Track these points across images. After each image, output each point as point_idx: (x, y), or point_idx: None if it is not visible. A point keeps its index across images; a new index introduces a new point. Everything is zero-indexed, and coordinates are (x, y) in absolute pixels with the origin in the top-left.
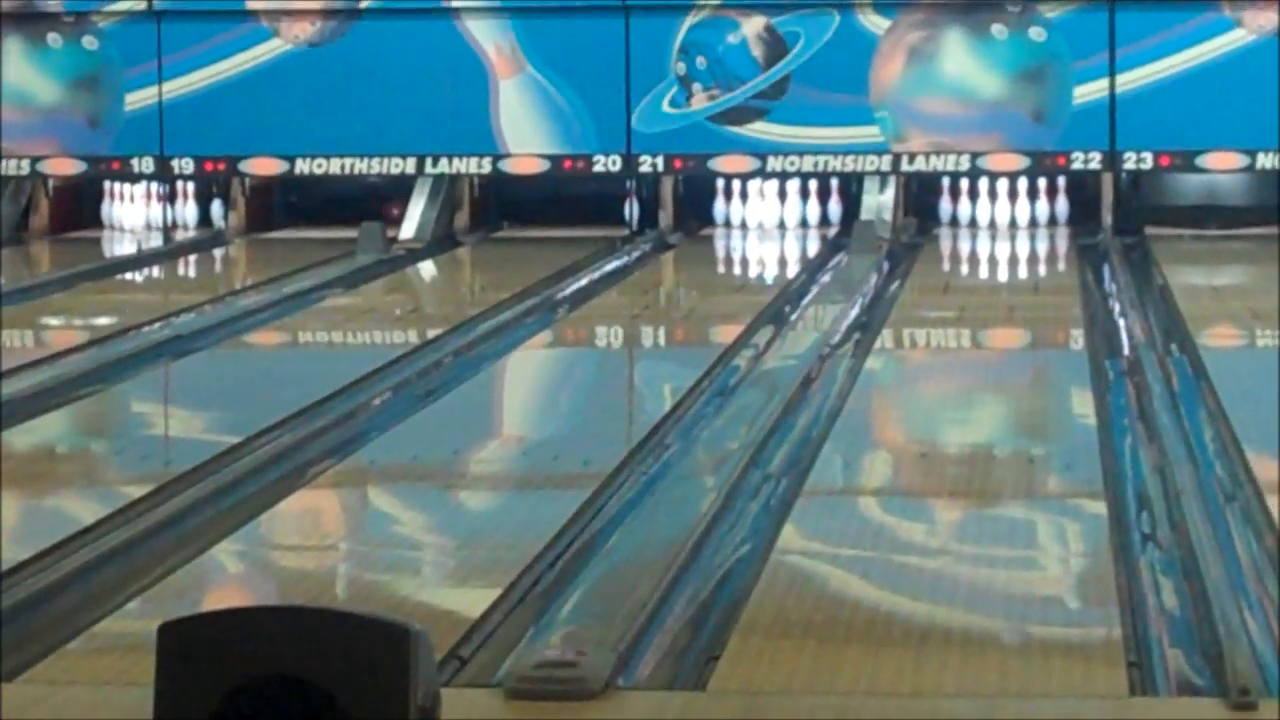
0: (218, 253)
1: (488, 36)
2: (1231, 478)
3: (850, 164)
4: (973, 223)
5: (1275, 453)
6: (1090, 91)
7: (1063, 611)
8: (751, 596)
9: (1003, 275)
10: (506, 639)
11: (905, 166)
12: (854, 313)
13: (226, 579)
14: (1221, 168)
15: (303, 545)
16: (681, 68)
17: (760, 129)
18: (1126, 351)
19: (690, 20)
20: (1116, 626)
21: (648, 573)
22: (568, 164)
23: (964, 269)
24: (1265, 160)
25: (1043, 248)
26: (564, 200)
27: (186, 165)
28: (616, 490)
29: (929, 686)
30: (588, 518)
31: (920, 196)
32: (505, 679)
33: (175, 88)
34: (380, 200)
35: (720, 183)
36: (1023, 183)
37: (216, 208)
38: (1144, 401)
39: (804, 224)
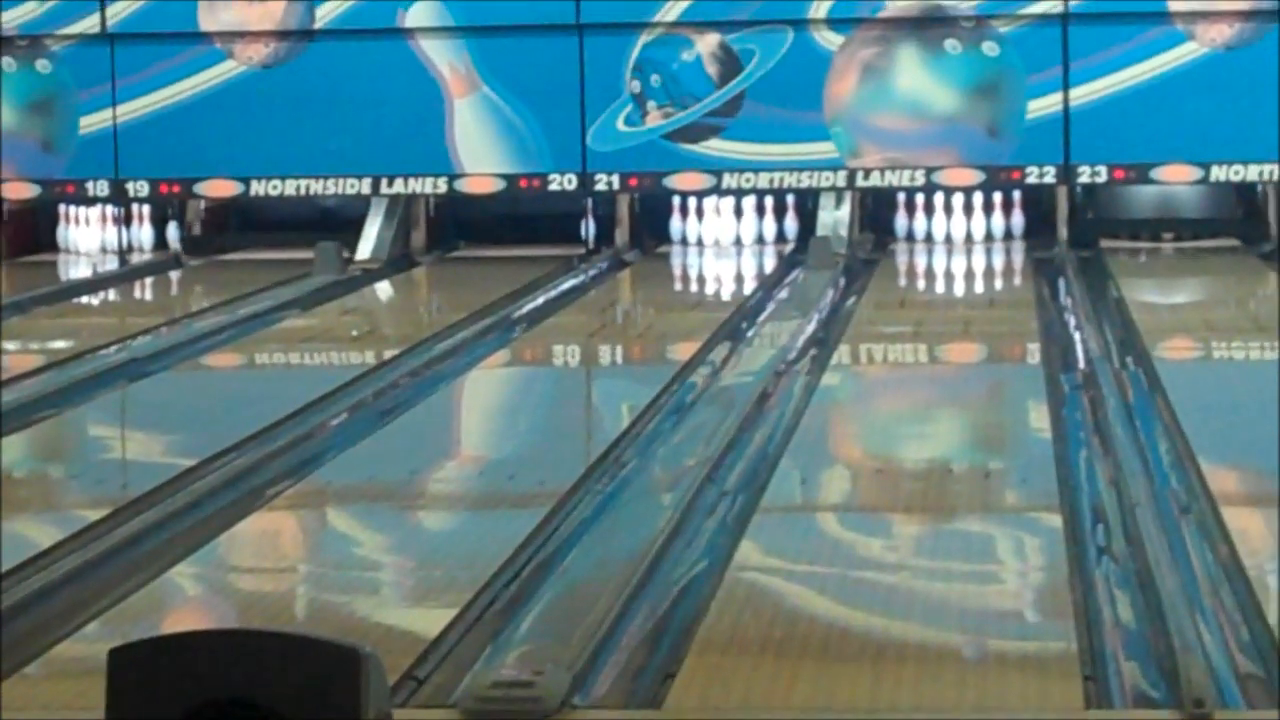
0: (174, 275)
1: (442, 56)
2: (1187, 490)
3: (806, 180)
4: (928, 237)
5: (1230, 465)
6: (1044, 105)
7: (1018, 626)
8: (708, 614)
9: (959, 290)
10: (463, 659)
11: (861, 182)
12: (810, 328)
13: (184, 602)
14: (1175, 180)
15: (260, 567)
16: (636, 86)
17: (715, 146)
18: (1082, 365)
19: (644, 38)
20: (1072, 640)
21: (604, 591)
22: (523, 183)
23: (920, 284)
24: (1219, 173)
25: (998, 262)
26: (520, 219)
27: (141, 188)
28: (573, 509)
29: (886, 703)
30: (544, 537)
31: (876, 212)
32: (461, 699)
33: (129, 110)
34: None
35: (676, 200)
36: (978, 197)
37: (172, 230)
38: (1099, 415)
39: (760, 240)
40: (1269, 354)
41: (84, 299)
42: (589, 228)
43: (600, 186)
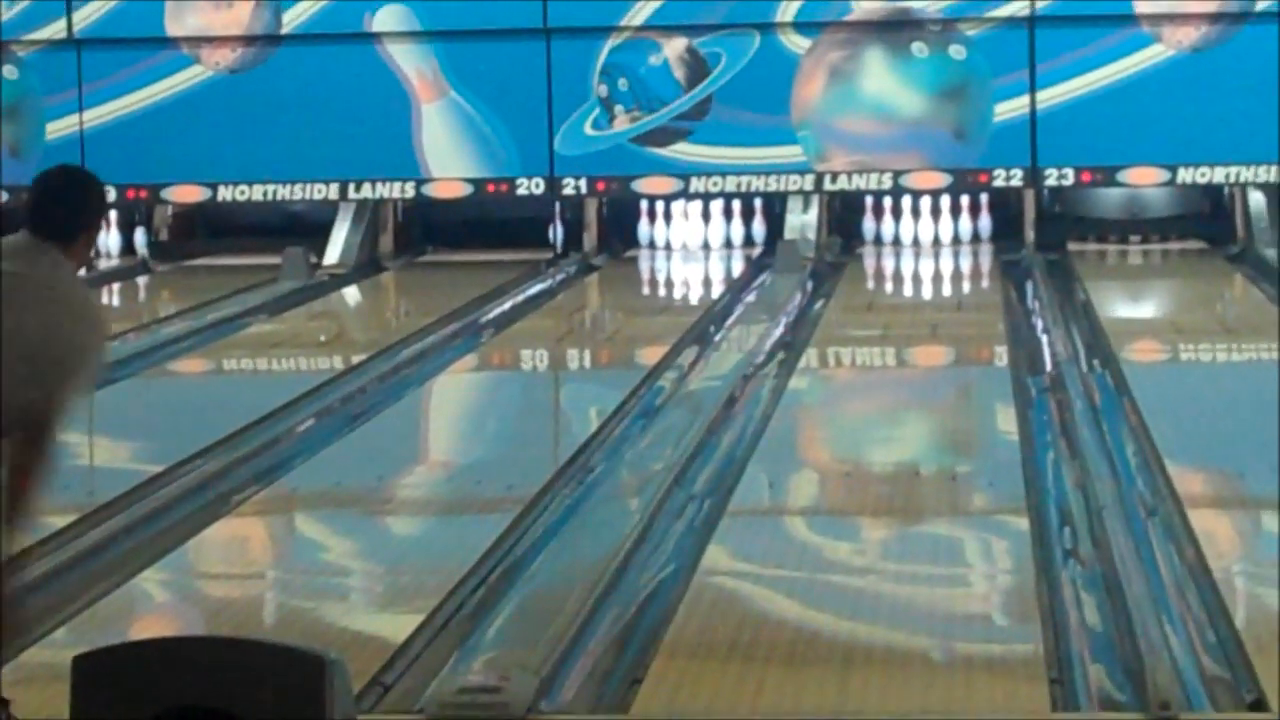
0: (141, 281)
1: (409, 61)
2: (1153, 492)
3: (773, 184)
4: (896, 241)
5: (1197, 467)
6: (1011, 109)
7: (985, 628)
8: (675, 618)
9: (926, 293)
10: (429, 664)
11: (828, 185)
12: (778, 332)
13: (151, 607)
14: (1142, 183)
15: (227, 573)
16: (603, 90)
17: (683, 150)
18: (1049, 368)
19: (611, 43)
20: (1038, 643)
21: (571, 596)
22: (491, 187)
23: (888, 287)
24: (1186, 175)
25: (966, 265)
26: (488, 223)
27: (108, 193)
28: (540, 514)
29: (853, 706)
30: (511, 542)
31: (843, 215)
32: (428, 705)
33: (96, 116)
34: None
35: (644, 204)
36: (945, 200)
37: (139, 236)
38: (1066, 417)
39: (728, 244)
40: (1236, 356)
41: None
42: (557, 232)
43: (568, 191)
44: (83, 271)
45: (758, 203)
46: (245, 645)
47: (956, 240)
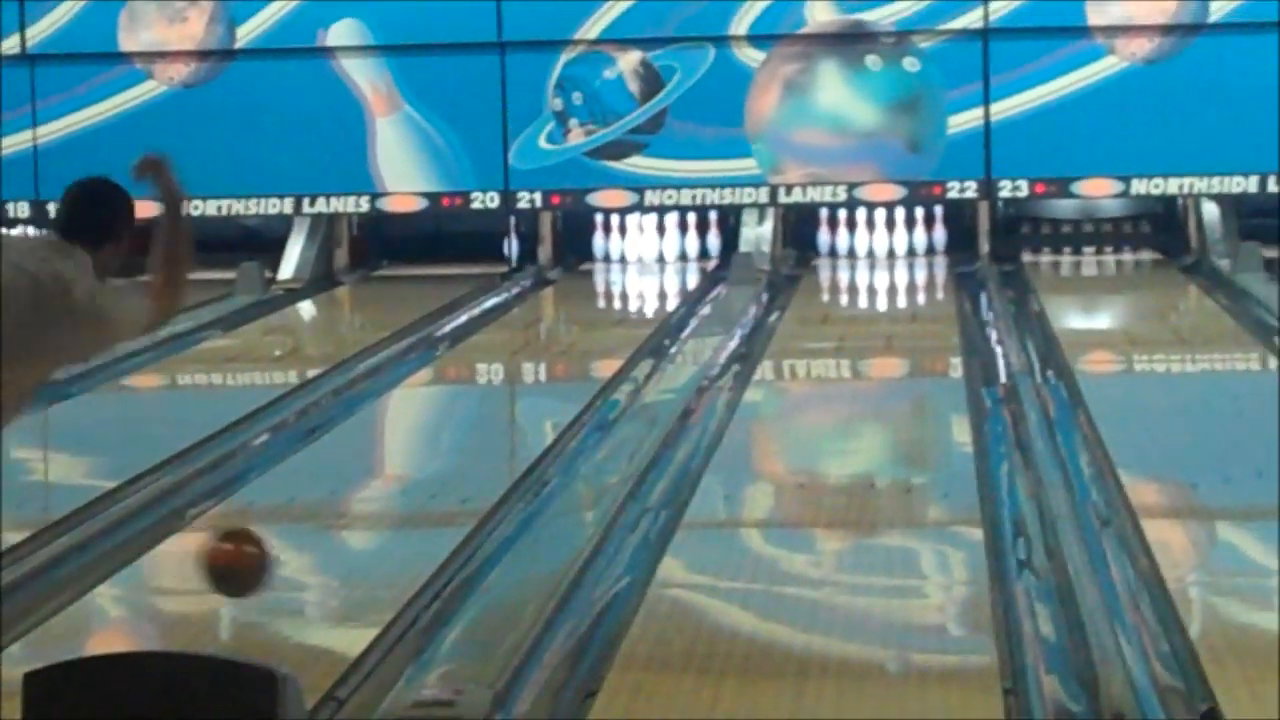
0: None
1: (364, 75)
2: (1107, 502)
3: (728, 197)
4: (851, 253)
5: (1150, 477)
6: (965, 120)
7: (940, 639)
8: (630, 630)
9: (881, 305)
10: (384, 678)
11: (783, 198)
12: (733, 345)
13: (105, 623)
14: (1096, 194)
15: (182, 588)
16: (558, 104)
17: (638, 163)
18: (1003, 379)
19: (566, 56)
20: (993, 653)
21: (526, 609)
22: (446, 201)
23: (843, 299)
24: (1140, 186)
25: (921, 276)
26: (443, 237)
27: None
28: (495, 527)
29: (808, 717)
30: (466, 555)
31: (799, 228)
32: (382, 719)
33: (50, 131)
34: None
35: (599, 217)
36: (900, 212)
37: None
38: (1020, 429)
39: (683, 257)
40: (1189, 367)
41: None
42: (512, 245)
43: (523, 204)
44: None
45: (713, 215)
46: (197, 660)
47: (911, 252)
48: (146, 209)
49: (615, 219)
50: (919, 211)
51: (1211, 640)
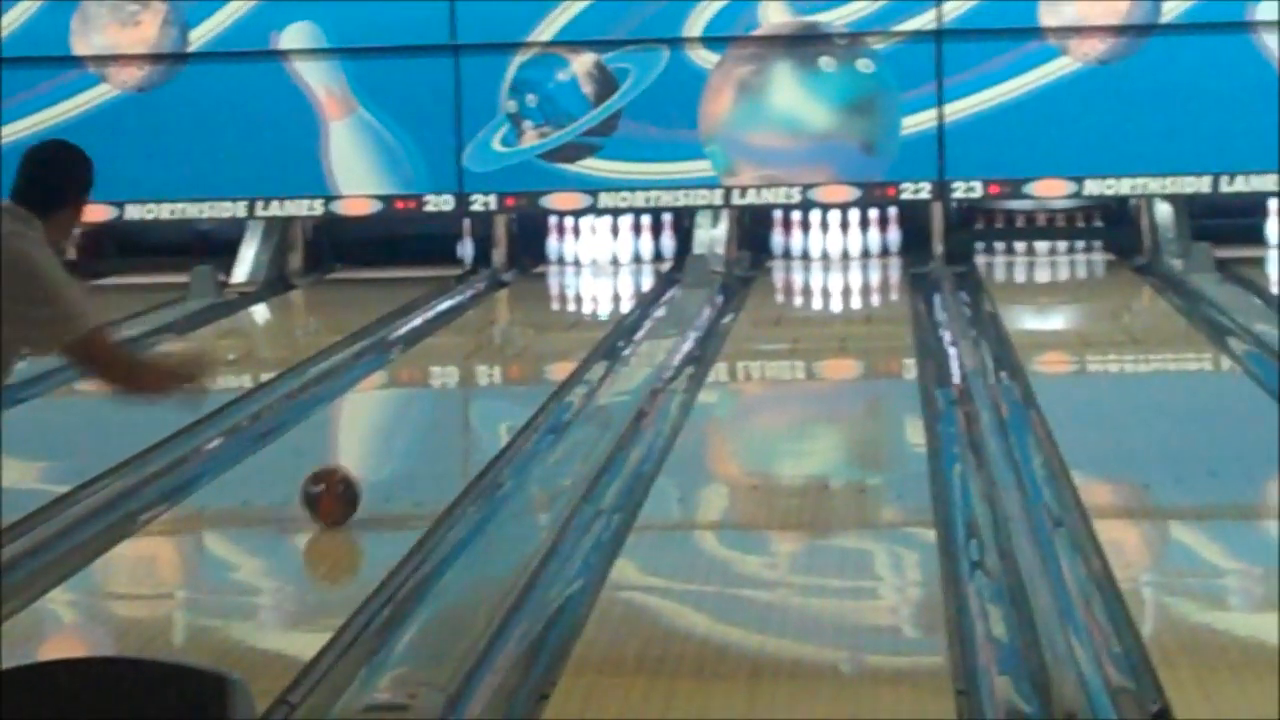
0: None
1: (317, 78)
2: (1060, 502)
3: (682, 199)
4: (805, 254)
5: (1103, 477)
6: (919, 122)
7: (893, 641)
8: (584, 633)
9: (835, 306)
10: (337, 682)
11: (737, 200)
12: (687, 347)
13: (58, 628)
14: (1050, 195)
15: (134, 593)
16: (512, 106)
17: (591, 165)
18: (957, 380)
19: (520, 59)
20: (945, 655)
21: (480, 612)
22: (400, 204)
23: (797, 301)
24: (1093, 187)
25: (875, 278)
26: (397, 240)
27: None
28: (449, 530)
29: (761, 718)
30: (420, 559)
31: (753, 229)
32: None
33: (13, 131)
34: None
35: (553, 220)
36: (854, 213)
37: None
38: (974, 429)
39: (637, 259)
40: (1142, 367)
41: None
42: (466, 248)
43: (477, 207)
44: None
45: (667, 218)
46: (147, 666)
47: (865, 253)
48: (97, 212)
49: (569, 221)
50: (873, 213)
51: (1163, 640)
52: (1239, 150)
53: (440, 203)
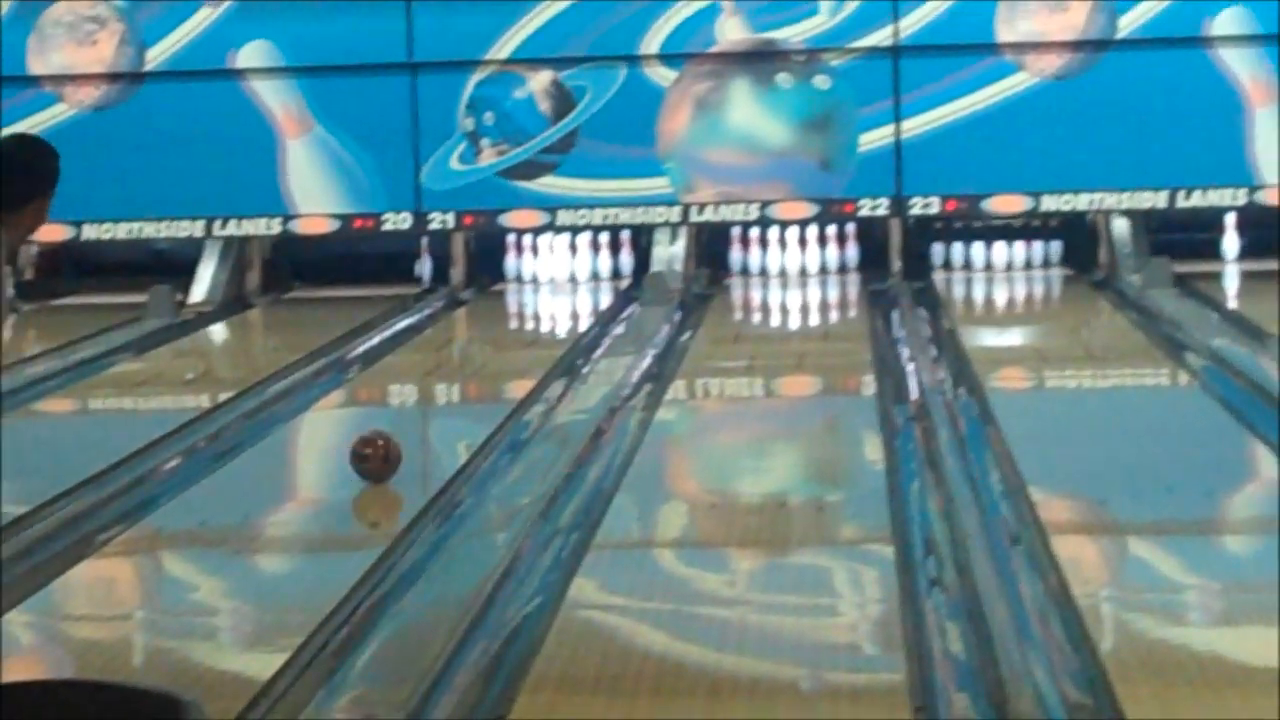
0: (6, 321)
1: (274, 97)
2: (1018, 520)
3: (640, 216)
4: (763, 271)
5: (1060, 493)
6: (876, 138)
7: (850, 658)
8: (542, 651)
9: (793, 323)
10: (295, 703)
11: (695, 217)
12: (645, 364)
13: (16, 650)
14: (1007, 211)
15: (92, 614)
16: (469, 124)
17: (549, 183)
18: (915, 396)
19: (477, 76)
20: (902, 672)
21: (438, 631)
22: (357, 223)
23: (755, 318)
24: (1050, 203)
25: (833, 294)
26: (355, 259)
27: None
28: (407, 550)
29: None
30: (377, 578)
31: (711, 246)
32: None
33: None
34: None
35: (511, 238)
36: (812, 230)
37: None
38: (932, 446)
39: (595, 277)
40: (1100, 383)
41: None
42: (424, 266)
43: (435, 225)
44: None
45: (625, 235)
46: (100, 688)
47: (824, 270)
48: (54, 231)
49: (527, 239)
50: (831, 229)
51: (1121, 657)
52: (1196, 165)
53: (398, 221)
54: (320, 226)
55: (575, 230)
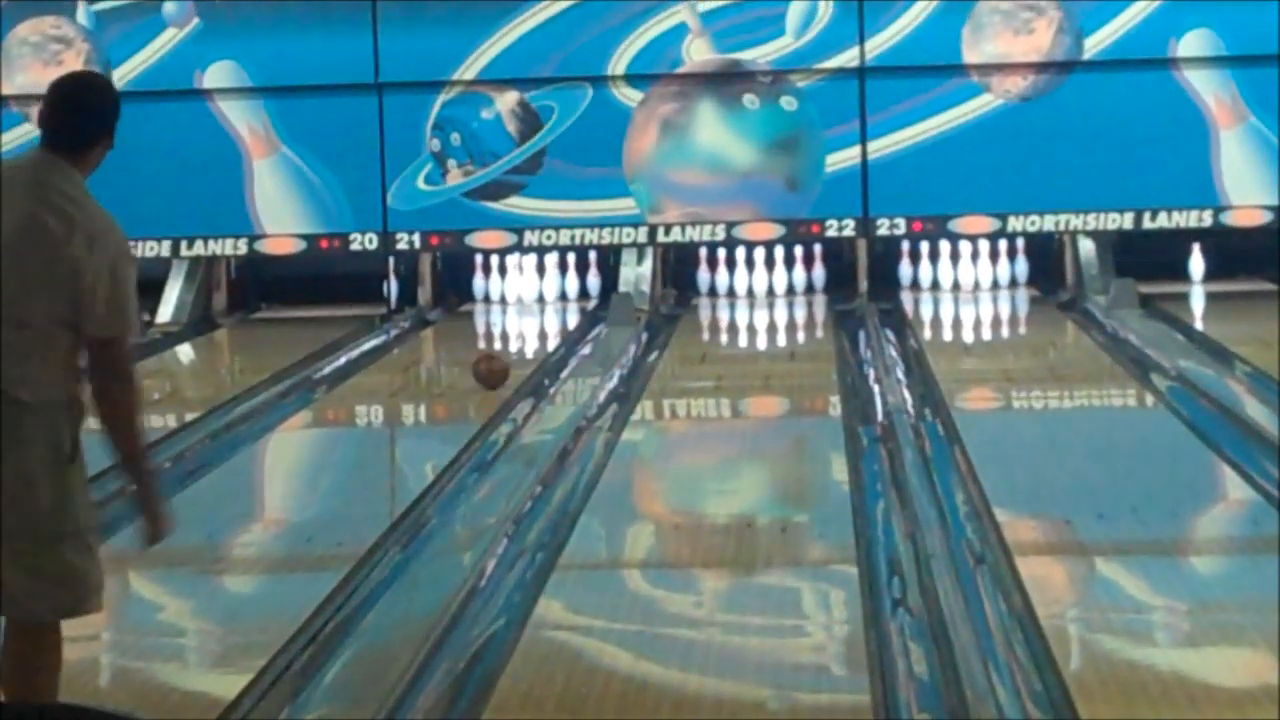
0: None
1: (241, 117)
2: (982, 540)
3: (607, 237)
4: (730, 292)
5: (1025, 514)
6: (842, 159)
7: (814, 678)
8: (507, 671)
9: (760, 343)
10: None
11: (662, 238)
12: (612, 384)
13: None
14: (973, 232)
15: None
16: (436, 144)
17: (516, 204)
18: (881, 417)
19: (443, 97)
20: (867, 692)
21: (402, 651)
22: (324, 243)
23: (723, 338)
24: (1016, 224)
25: (800, 315)
26: (322, 279)
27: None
28: (372, 569)
29: None
30: (343, 598)
31: (678, 267)
32: None
33: None
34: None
35: (478, 258)
36: (779, 251)
37: None
38: (897, 467)
39: (562, 297)
40: (1066, 404)
41: None
42: (391, 287)
43: (402, 245)
44: None
45: (592, 255)
46: (50, 711)
47: (790, 290)
48: None
49: (495, 259)
50: (798, 250)
51: (1084, 677)
52: (1162, 186)
53: (365, 241)
54: (287, 247)
55: (542, 251)
